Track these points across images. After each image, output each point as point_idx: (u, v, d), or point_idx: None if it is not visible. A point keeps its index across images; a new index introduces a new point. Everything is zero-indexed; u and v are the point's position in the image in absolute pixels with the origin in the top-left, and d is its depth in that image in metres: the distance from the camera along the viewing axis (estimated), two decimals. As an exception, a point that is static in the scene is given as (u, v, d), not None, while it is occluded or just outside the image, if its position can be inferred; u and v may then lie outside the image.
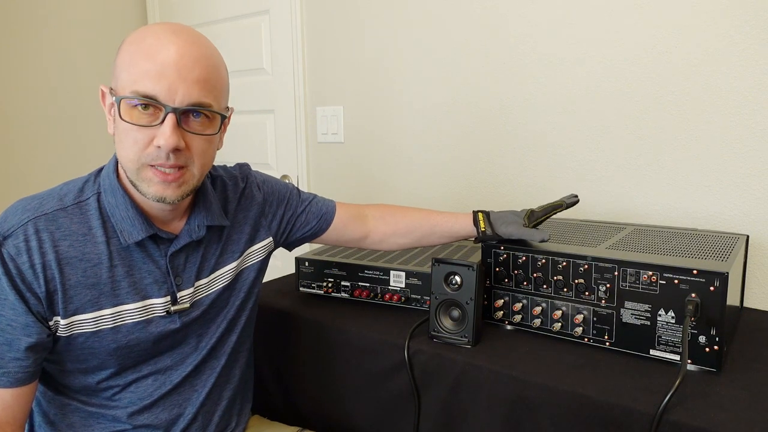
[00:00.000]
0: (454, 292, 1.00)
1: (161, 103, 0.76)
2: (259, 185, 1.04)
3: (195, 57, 0.78)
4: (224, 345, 0.97)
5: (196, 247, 0.91)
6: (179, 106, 0.77)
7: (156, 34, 0.77)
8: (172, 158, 0.78)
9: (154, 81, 0.75)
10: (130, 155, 0.78)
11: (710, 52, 1.20)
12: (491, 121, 1.54)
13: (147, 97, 0.76)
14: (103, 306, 0.82)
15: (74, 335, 0.81)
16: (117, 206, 0.83)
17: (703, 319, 0.85)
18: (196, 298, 0.91)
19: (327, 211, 1.09)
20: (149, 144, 0.77)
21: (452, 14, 1.57)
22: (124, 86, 0.77)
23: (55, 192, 0.84)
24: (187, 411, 0.93)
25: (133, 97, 0.76)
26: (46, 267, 0.78)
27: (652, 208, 1.32)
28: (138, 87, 0.75)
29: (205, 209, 0.91)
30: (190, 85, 0.77)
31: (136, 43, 0.77)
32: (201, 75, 0.78)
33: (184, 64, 0.76)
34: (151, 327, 0.86)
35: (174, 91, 0.76)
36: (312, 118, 1.97)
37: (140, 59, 0.76)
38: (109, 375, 0.86)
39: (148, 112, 0.77)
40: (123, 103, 0.77)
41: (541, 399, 0.85)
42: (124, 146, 0.78)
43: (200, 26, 2.26)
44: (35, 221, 0.79)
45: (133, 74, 0.76)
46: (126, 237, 0.83)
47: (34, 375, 0.80)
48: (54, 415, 0.88)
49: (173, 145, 0.76)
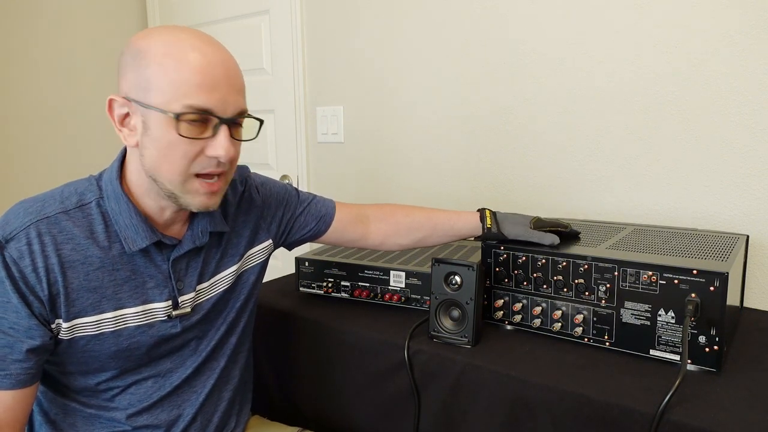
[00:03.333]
0: (454, 292, 1.00)
1: (216, 116, 0.77)
2: (257, 188, 1.04)
3: (235, 67, 0.80)
4: (224, 347, 0.97)
5: (197, 252, 0.91)
6: (231, 116, 0.79)
7: (195, 48, 0.76)
8: (220, 167, 0.80)
9: (207, 94, 0.76)
10: (179, 168, 0.78)
11: (710, 52, 1.20)
12: (491, 121, 1.54)
13: (203, 110, 0.76)
14: (104, 309, 0.82)
15: (76, 338, 0.81)
16: (121, 213, 0.82)
17: (703, 319, 0.85)
18: (198, 302, 0.91)
19: (326, 212, 1.09)
20: (200, 154, 0.79)
21: (452, 14, 1.57)
22: (168, 101, 0.75)
23: (56, 194, 0.83)
24: (186, 412, 0.93)
25: (189, 111, 0.75)
26: (48, 270, 0.78)
27: (652, 208, 1.32)
28: (192, 101, 0.75)
29: (209, 215, 0.91)
30: (236, 94, 0.79)
31: (173, 55, 0.75)
32: (242, 84, 0.81)
33: (231, 75, 0.78)
34: (152, 331, 0.86)
35: (226, 102, 0.77)
36: (312, 118, 1.97)
37: (189, 74, 0.75)
38: (110, 377, 0.86)
39: (200, 125, 0.77)
40: (168, 119, 0.76)
41: (541, 399, 0.85)
42: (171, 160, 0.78)
43: (200, 26, 2.26)
44: (37, 224, 0.78)
45: (182, 89, 0.75)
46: (130, 244, 0.82)
47: (35, 377, 0.80)
48: (55, 415, 0.88)
49: (232, 156, 0.79)
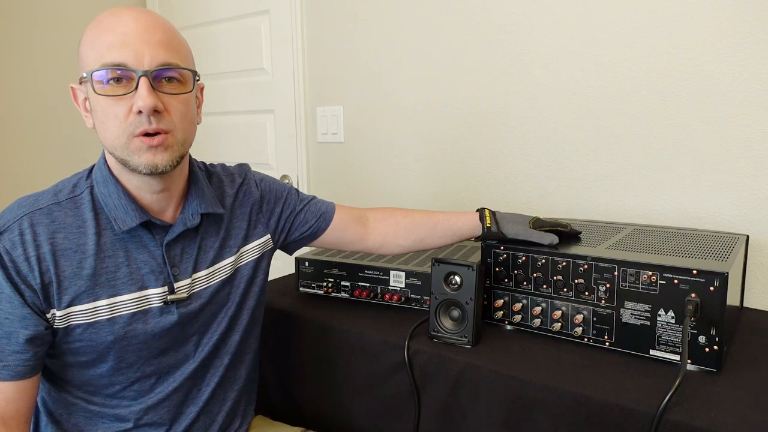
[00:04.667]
0: (454, 292, 1.00)
1: (131, 69, 0.77)
2: (257, 182, 1.05)
3: (153, 23, 0.80)
4: (227, 344, 0.97)
5: (192, 237, 0.91)
6: (149, 68, 0.78)
7: (111, 13, 0.80)
8: (154, 122, 0.79)
9: (119, 50, 0.77)
10: (115, 131, 0.79)
11: (711, 52, 1.20)
12: (491, 122, 1.54)
13: (116, 65, 0.77)
14: (99, 297, 0.82)
15: (71, 326, 0.81)
16: (110, 195, 0.84)
17: (703, 319, 0.85)
18: (195, 289, 0.91)
19: (326, 210, 1.09)
20: (129, 113, 0.78)
21: (452, 15, 1.57)
22: (92, 64, 0.78)
23: (50, 189, 0.86)
24: (190, 410, 0.93)
25: (102, 68, 0.77)
26: (40, 259, 0.79)
27: (652, 208, 1.32)
28: (105, 59, 0.77)
29: (198, 198, 0.91)
30: (155, 47, 0.79)
31: (94, 26, 0.80)
32: (163, 38, 0.80)
33: (144, 29, 0.79)
34: (148, 318, 0.86)
35: (141, 54, 0.78)
36: (312, 118, 1.97)
37: (101, 36, 0.78)
38: (110, 371, 0.86)
39: (121, 84, 0.78)
40: (95, 78, 0.78)
41: (541, 399, 0.85)
42: (107, 126, 0.79)
43: (200, 26, 2.26)
44: (30, 215, 0.80)
45: (98, 51, 0.78)
46: (120, 224, 0.83)
47: (35, 369, 0.80)
48: (59, 415, 0.88)
49: (151, 105, 0.77)
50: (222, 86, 2.22)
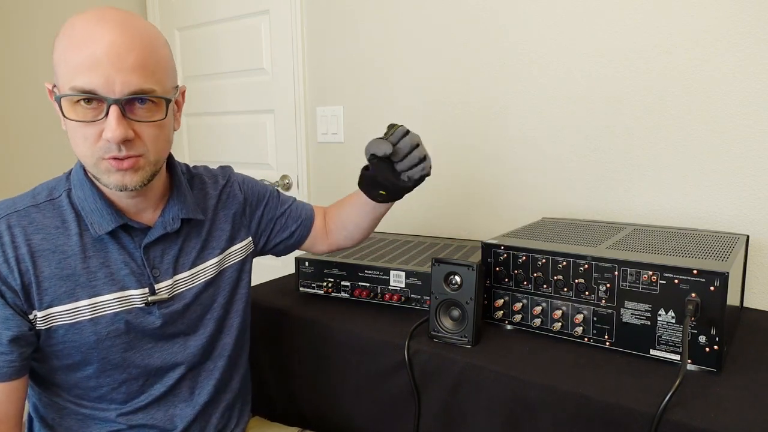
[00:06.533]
0: (454, 292, 1.00)
1: (101, 96, 0.73)
2: (240, 184, 1.05)
3: (128, 43, 0.74)
4: (217, 348, 0.97)
5: (173, 239, 0.91)
6: (120, 97, 0.74)
7: (85, 21, 0.74)
8: (123, 150, 0.77)
9: (88, 74, 0.72)
10: (85, 151, 0.78)
11: (711, 53, 1.20)
12: (490, 121, 1.54)
13: (85, 92, 0.73)
14: (79, 297, 0.82)
15: (53, 328, 0.81)
16: (86, 199, 0.84)
17: (703, 319, 0.85)
18: (177, 290, 0.91)
19: (306, 216, 1.11)
20: (99, 138, 0.76)
21: (452, 15, 1.57)
22: (63, 83, 0.75)
23: (28, 192, 0.86)
24: (185, 413, 0.93)
25: (72, 94, 0.74)
26: (19, 260, 0.79)
27: (652, 208, 1.32)
28: (75, 83, 0.73)
29: (180, 202, 0.91)
30: (127, 73, 0.74)
31: (66, 35, 0.75)
32: (137, 61, 0.74)
33: (116, 53, 0.73)
34: (131, 318, 0.86)
35: (112, 82, 0.73)
36: (312, 118, 1.97)
37: (72, 51, 0.73)
38: (96, 372, 0.85)
39: (92, 106, 0.75)
40: (64, 102, 0.75)
41: (541, 399, 0.85)
42: (77, 143, 0.78)
43: (200, 26, 2.26)
44: (8, 218, 0.81)
45: (68, 69, 0.74)
46: (96, 228, 0.83)
47: (20, 371, 0.79)
48: (51, 420, 0.88)
49: (120, 137, 0.74)
50: (222, 86, 2.22)
